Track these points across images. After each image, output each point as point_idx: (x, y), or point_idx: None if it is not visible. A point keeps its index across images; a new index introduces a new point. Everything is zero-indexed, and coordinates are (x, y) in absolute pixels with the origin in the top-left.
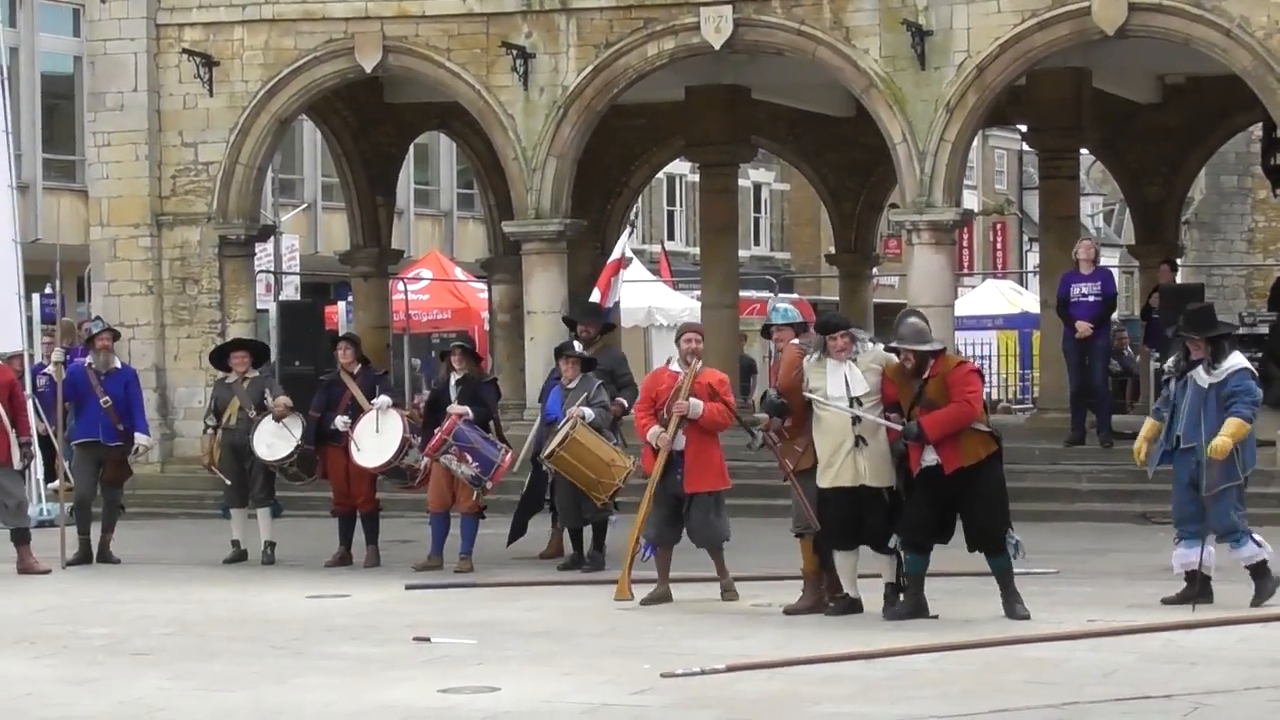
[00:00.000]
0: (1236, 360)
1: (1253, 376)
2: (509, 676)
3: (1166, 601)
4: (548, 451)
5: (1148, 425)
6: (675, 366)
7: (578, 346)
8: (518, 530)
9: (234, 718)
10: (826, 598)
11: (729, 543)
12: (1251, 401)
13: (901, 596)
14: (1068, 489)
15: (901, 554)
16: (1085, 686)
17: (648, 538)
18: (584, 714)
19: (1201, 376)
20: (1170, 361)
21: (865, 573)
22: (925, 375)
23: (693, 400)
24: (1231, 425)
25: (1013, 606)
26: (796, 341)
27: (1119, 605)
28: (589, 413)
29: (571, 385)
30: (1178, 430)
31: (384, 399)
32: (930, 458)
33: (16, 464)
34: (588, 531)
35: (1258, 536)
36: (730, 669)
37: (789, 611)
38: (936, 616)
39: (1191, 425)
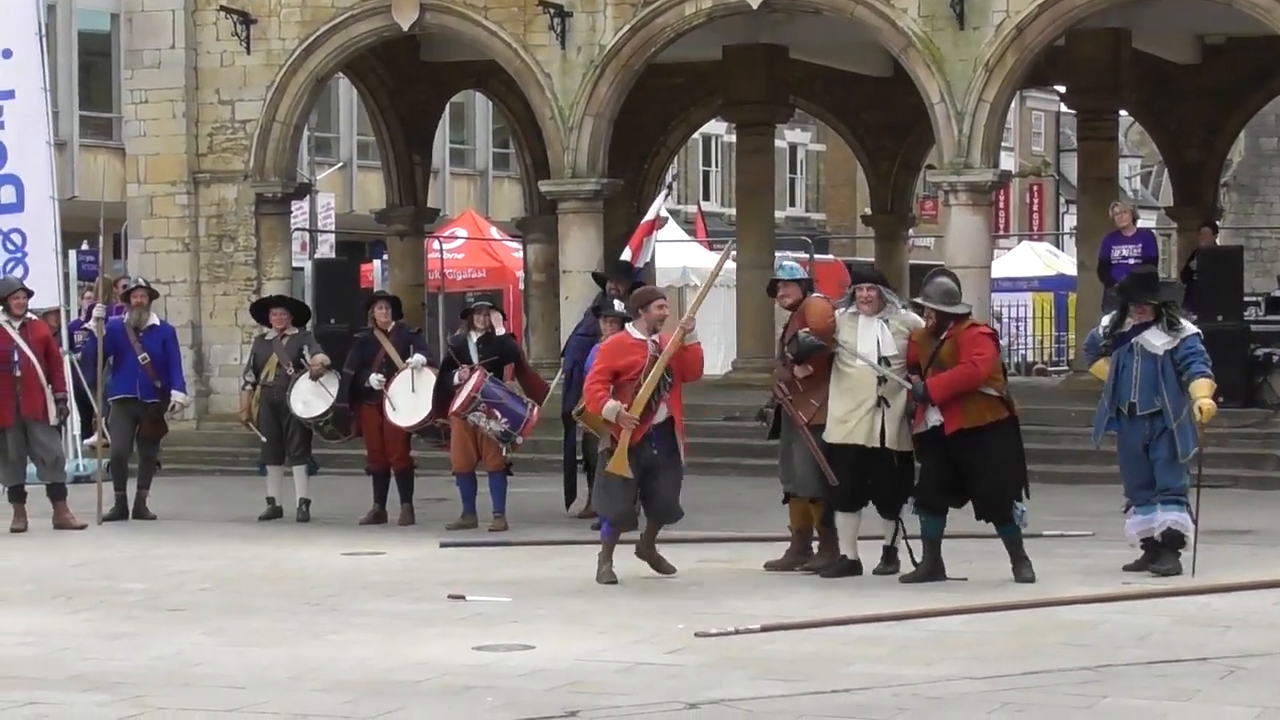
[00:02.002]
0: (1188, 326)
1: (1201, 338)
2: (543, 635)
3: (1127, 569)
4: (578, 408)
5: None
6: (638, 334)
7: (618, 305)
8: (571, 492)
9: (270, 674)
10: (807, 557)
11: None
12: (1206, 361)
13: (913, 560)
14: (1103, 451)
15: (898, 520)
16: (1120, 649)
17: (611, 515)
18: (618, 673)
19: (1153, 343)
20: (1107, 320)
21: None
22: (943, 336)
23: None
24: (1206, 385)
25: (1020, 570)
26: (819, 295)
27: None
28: None
29: None
30: (1130, 397)
31: (419, 358)
32: (934, 418)
33: (53, 420)
34: None
35: (1191, 512)
36: (765, 629)
37: (770, 567)
38: (965, 579)
39: (1148, 392)
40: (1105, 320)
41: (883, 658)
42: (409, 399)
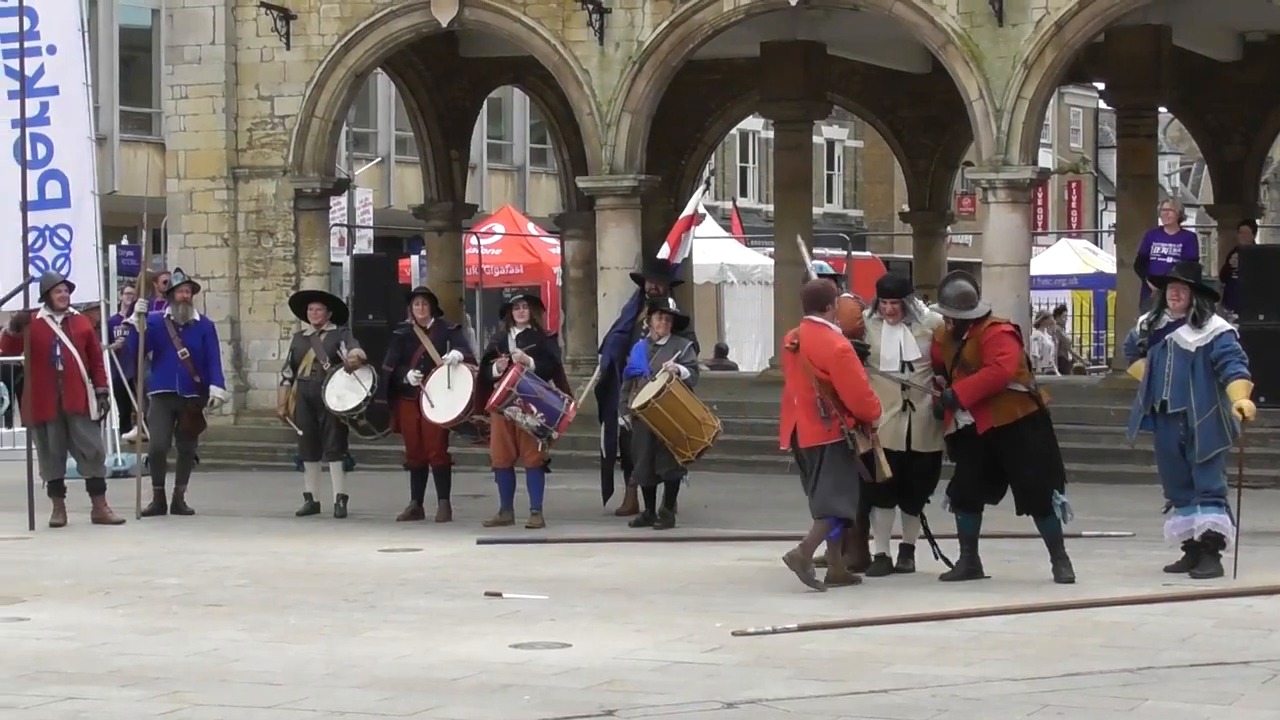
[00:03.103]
0: (1220, 322)
1: (1236, 336)
2: (581, 633)
3: (1168, 569)
4: (642, 403)
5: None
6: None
7: (671, 304)
8: (609, 489)
9: (307, 670)
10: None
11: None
12: (1242, 360)
13: (939, 560)
14: (1143, 450)
15: (921, 517)
16: (1160, 651)
17: (853, 515)
18: (655, 671)
19: (1185, 339)
20: (1144, 319)
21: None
22: (964, 337)
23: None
24: (1243, 387)
25: (1060, 570)
26: (849, 295)
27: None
28: (685, 370)
29: (662, 342)
30: (1163, 395)
31: (455, 354)
32: (964, 418)
33: (94, 414)
34: (660, 489)
35: (1231, 514)
36: (802, 628)
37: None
38: (988, 577)
39: (1179, 390)
40: (1142, 319)
41: (921, 658)
42: (446, 395)
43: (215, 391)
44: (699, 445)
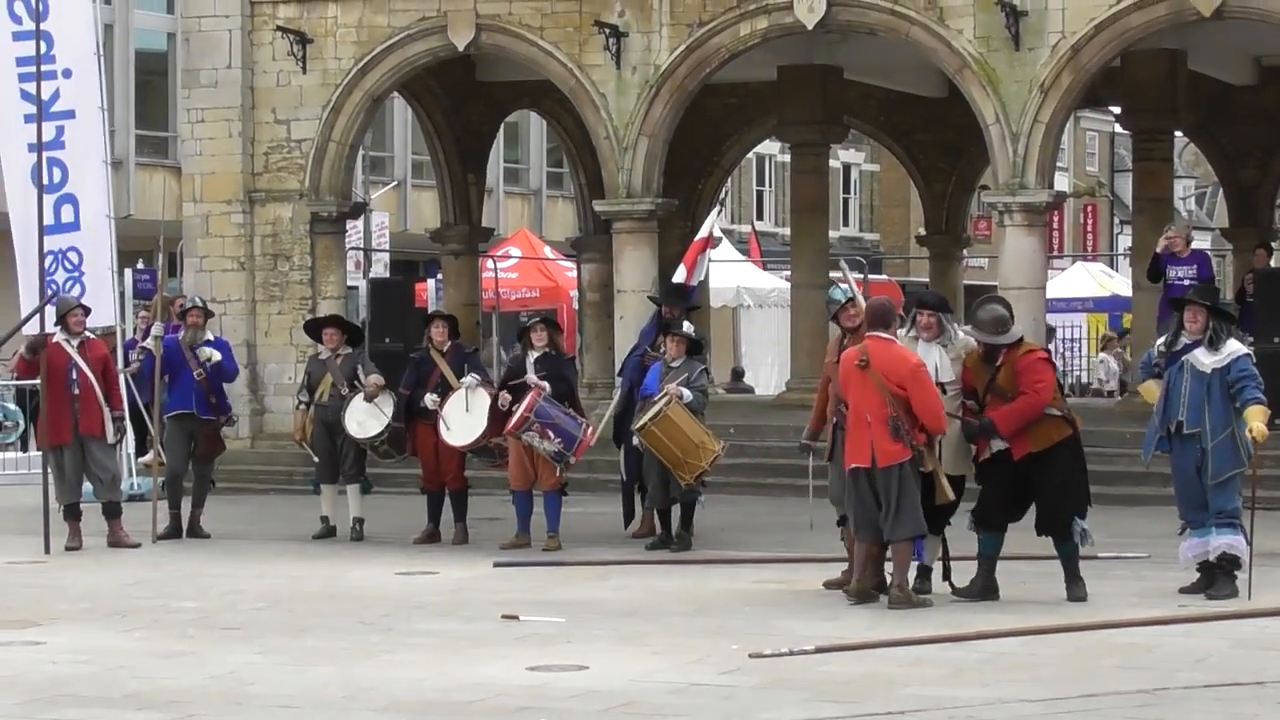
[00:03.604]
0: (1237, 345)
1: (1253, 360)
2: (598, 655)
3: (1183, 591)
4: (639, 424)
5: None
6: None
7: (686, 326)
8: (630, 512)
9: (324, 693)
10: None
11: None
12: (1259, 385)
13: (946, 578)
14: (1158, 473)
15: (942, 537)
16: (1177, 672)
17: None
18: (672, 693)
19: (1201, 361)
20: (1162, 341)
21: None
22: (998, 362)
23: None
24: (1260, 412)
25: (1074, 589)
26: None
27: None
28: (687, 393)
29: (675, 364)
30: (1178, 416)
31: (472, 378)
32: (998, 443)
33: (110, 438)
34: (676, 511)
35: (1245, 535)
36: (819, 650)
37: (829, 585)
38: (1000, 598)
39: (1195, 412)
40: (1160, 341)
41: (938, 680)
42: (463, 419)
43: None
44: (696, 469)
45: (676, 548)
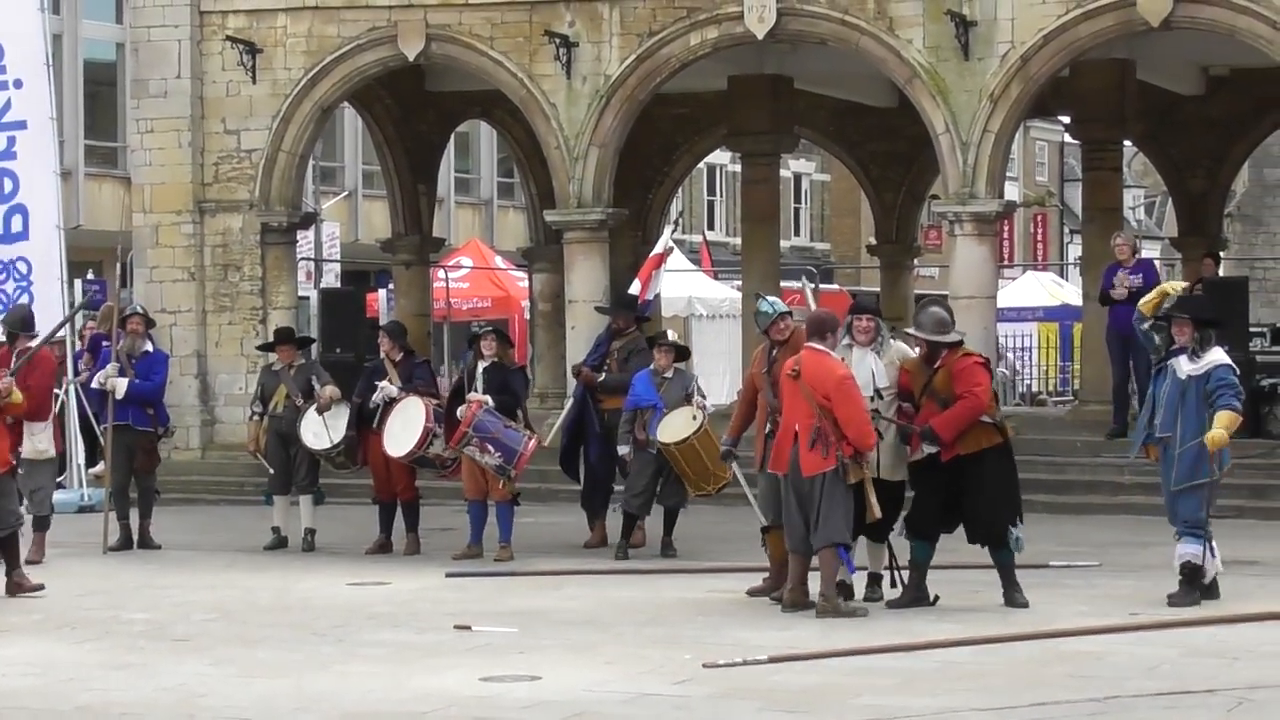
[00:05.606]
0: (1219, 354)
1: (1234, 371)
2: (550, 665)
3: (1170, 596)
4: (680, 438)
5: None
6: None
7: (671, 335)
8: (595, 512)
9: (275, 704)
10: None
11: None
12: (1236, 394)
13: (899, 587)
14: (1109, 482)
15: (888, 545)
16: (1127, 680)
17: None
18: (625, 703)
19: (1181, 367)
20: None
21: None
22: (936, 365)
23: None
24: (1225, 418)
25: (1012, 595)
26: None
27: (1162, 599)
28: (709, 405)
29: (669, 374)
30: (1156, 419)
31: (387, 387)
32: (929, 446)
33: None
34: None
35: (1214, 545)
36: (772, 660)
37: (752, 593)
38: (936, 600)
39: (1169, 416)
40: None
41: (890, 689)
42: (400, 430)
43: (112, 379)
44: (721, 480)
45: (671, 555)
